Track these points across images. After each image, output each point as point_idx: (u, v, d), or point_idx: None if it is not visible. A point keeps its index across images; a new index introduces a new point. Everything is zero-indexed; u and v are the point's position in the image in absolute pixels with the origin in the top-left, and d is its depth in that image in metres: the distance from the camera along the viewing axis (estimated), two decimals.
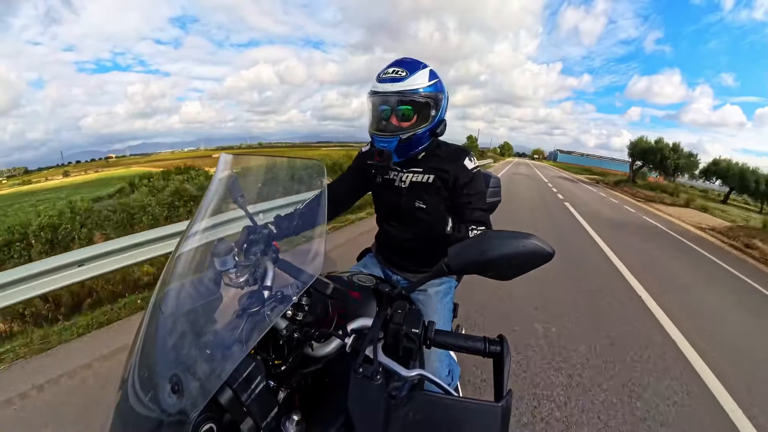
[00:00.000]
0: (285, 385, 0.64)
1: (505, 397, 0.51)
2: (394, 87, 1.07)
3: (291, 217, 0.98)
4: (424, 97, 1.09)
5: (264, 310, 0.60)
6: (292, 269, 0.70)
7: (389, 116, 1.13)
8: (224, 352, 0.54)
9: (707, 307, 4.04)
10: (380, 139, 1.14)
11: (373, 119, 1.17)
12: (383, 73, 1.11)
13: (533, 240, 0.52)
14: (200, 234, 0.73)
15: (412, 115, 1.11)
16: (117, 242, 3.07)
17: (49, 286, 2.64)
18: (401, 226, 1.29)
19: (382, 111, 1.14)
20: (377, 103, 1.14)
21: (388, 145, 1.13)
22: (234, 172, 0.83)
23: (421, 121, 1.12)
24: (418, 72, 1.09)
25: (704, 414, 2.13)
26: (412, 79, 1.07)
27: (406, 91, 1.07)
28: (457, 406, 0.52)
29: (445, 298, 1.28)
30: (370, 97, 1.14)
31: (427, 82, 1.09)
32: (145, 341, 0.60)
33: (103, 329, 2.62)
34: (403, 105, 1.10)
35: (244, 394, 0.53)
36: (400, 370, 0.58)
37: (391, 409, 0.53)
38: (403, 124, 1.12)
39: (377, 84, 1.11)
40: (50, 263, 2.66)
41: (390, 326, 0.63)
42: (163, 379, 0.51)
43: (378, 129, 1.15)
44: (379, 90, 1.09)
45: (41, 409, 1.86)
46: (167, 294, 0.65)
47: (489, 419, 0.49)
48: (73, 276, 2.76)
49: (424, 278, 0.63)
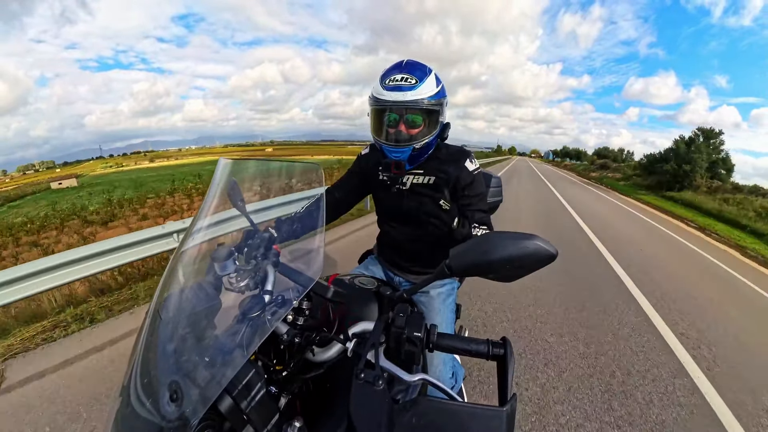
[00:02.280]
0: (286, 391, 0.64)
1: (509, 402, 0.50)
2: (405, 96, 1.03)
3: (291, 220, 0.97)
4: (433, 104, 1.06)
5: (264, 315, 0.59)
6: (293, 273, 0.70)
7: (397, 124, 1.09)
8: (224, 359, 0.53)
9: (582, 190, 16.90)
10: (393, 149, 1.11)
11: (379, 127, 1.13)
12: (389, 78, 1.06)
13: (536, 241, 0.51)
14: (200, 239, 0.73)
15: (421, 122, 1.08)
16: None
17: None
18: (402, 227, 1.28)
19: (388, 119, 1.09)
20: (384, 111, 1.09)
21: (402, 156, 1.11)
22: (233, 176, 0.83)
23: (430, 128, 1.10)
24: (426, 79, 1.06)
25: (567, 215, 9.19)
26: (422, 88, 1.04)
27: (417, 101, 1.04)
28: (461, 412, 0.51)
29: (448, 300, 1.28)
30: (376, 104, 1.09)
31: (435, 88, 1.07)
32: (144, 347, 0.59)
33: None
34: (412, 113, 1.07)
35: (244, 401, 0.52)
36: (403, 374, 0.58)
37: (394, 415, 0.52)
38: (411, 131, 1.09)
39: (384, 92, 1.06)
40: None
41: (392, 330, 0.62)
42: (162, 386, 0.50)
43: (387, 139, 1.11)
44: (388, 99, 1.05)
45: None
46: (167, 299, 0.64)
47: (494, 423, 0.49)
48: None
49: (425, 280, 0.63)
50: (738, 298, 4.48)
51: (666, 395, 2.24)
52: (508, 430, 0.48)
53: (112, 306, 3.08)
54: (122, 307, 3.06)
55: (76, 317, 2.87)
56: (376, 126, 1.14)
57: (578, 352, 2.63)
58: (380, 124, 1.12)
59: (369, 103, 1.13)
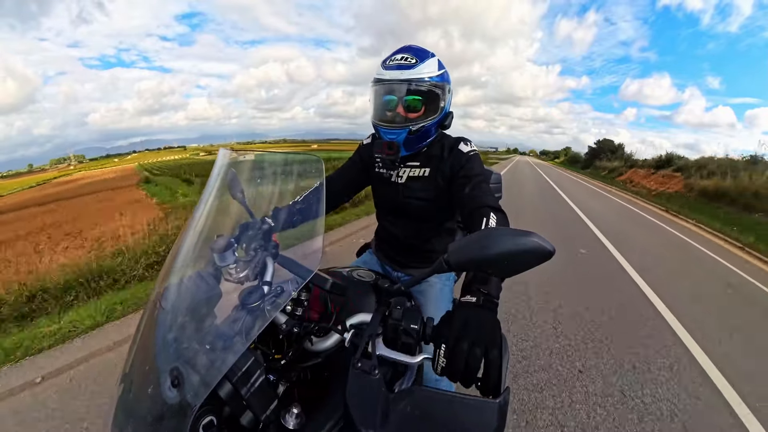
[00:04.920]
0: (284, 378, 0.65)
1: (502, 394, 0.51)
2: (403, 75, 1.00)
3: (289, 211, 0.97)
4: (433, 86, 1.02)
5: (264, 305, 0.60)
6: (292, 264, 0.71)
7: (395, 106, 1.06)
8: (224, 346, 0.54)
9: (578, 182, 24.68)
10: (388, 130, 1.07)
11: (378, 109, 1.10)
12: (389, 59, 1.04)
13: (534, 238, 0.52)
14: (199, 229, 0.73)
15: (420, 106, 1.05)
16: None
17: None
18: (399, 221, 1.27)
19: (387, 101, 1.06)
20: (383, 92, 1.06)
21: (396, 137, 1.07)
22: (232, 167, 0.83)
23: (430, 113, 1.06)
24: (427, 60, 1.02)
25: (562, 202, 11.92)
26: (421, 67, 1.00)
27: (415, 80, 1.00)
28: (455, 402, 0.52)
29: (445, 293, 1.28)
30: (375, 85, 1.07)
31: (437, 71, 1.04)
32: (145, 335, 0.60)
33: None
34: (411, 95, 1.03)
35: (243, 387, 0.54)
36: (405, 358, 0.59)
37: (390, 403, 0.54)
38: (410, 115, 1.05)
39: (383, 71, 1.03)
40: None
41: (389, 322, 0.63)
42: (163, 373, 0.52)
43: (384, 120, 1.08)
44: (386, 77, 1.02)
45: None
46: (167, 289, 0.65)
47: (487, 415, 0.50)
48: None
49: (423, 274, 0.63)
50: (549, 166, 40.53)
51: (530, 165, 35.59)
52: (500, 422, 0.49)
53: None
54: None
55: None
56: (375, 108, 1.11)
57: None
58: (379, 106, 1.10)
59: (370, 86, 1.10)
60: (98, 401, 1.82)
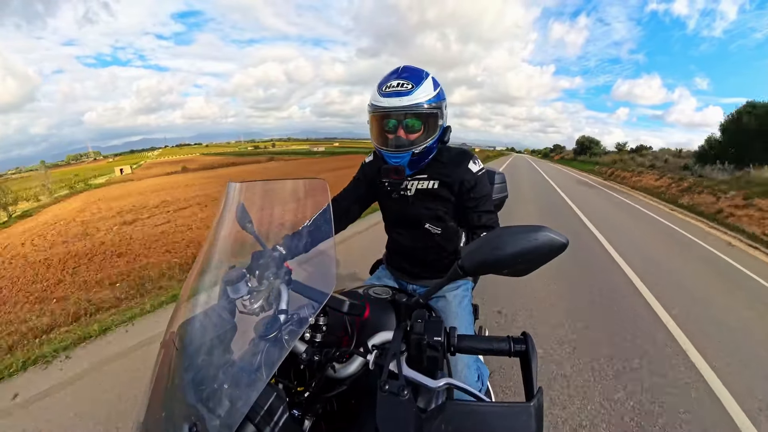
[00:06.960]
0: (310, 412, 0.62)
1: (536, 396, 0.49)
2: (402, 102, 1.03)
3: (299, 235, 0.97)
4: (431, 108, 1.06)
5: (281, 335, 0.58)
6: (306, 289, 0.69)
7: (396, 130, 1.09)
8: (243, 384, 0.52)
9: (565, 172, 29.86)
10: (392, 155, 1.11)
11: (379, 134, 1.13)
12: (386, 85, 1.06)
13: (545, 232, 0.51)
14: (211, 263, 0.73)
15: (419, 127, 1.08)
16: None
17: None
18: (410, 233, 1.27)
19: (388, 125, 1.09)
20: (382, 118, 1.09)
21: (401, 161, 1.10)
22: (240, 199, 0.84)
23: (430, 132, 1.09)
24: (423, 83, 1.05)
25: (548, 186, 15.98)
26: (418, 92, 1.04)
27: (413, 106, 1.03)
28: (489, 412, 0.50)
29: (464, 301, 1.25)
30: (374, 112, 1.10)
31: (433, 92, 1.07)
32: (159, 380, 0.58)
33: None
34: (410, 119, 1.06)
35: (267, 427, 0.50)
36: (428, 381, 0.56)
37: (423, 423, 0.50)
38: (410, 136, 1.08)
39: (381, 98, 1.06)
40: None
41: (411, 337, 0.60)
42: (179, 420, 0.49)
43: (387, 145, 1.11)
44: (385, 105, 1.05)
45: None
46: (181, 328, 0.63)
47: (522, 420, 0.48)
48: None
49: (439, 283, 0.61)
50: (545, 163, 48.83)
51: (525, 161, 46.16)
52: (537, 424, 0.47)
53: None
54: None
55: None
56: (376, 133, 1.14)
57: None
58: (379, 130, 1.12)
59: (368, 111, 1.13)
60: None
